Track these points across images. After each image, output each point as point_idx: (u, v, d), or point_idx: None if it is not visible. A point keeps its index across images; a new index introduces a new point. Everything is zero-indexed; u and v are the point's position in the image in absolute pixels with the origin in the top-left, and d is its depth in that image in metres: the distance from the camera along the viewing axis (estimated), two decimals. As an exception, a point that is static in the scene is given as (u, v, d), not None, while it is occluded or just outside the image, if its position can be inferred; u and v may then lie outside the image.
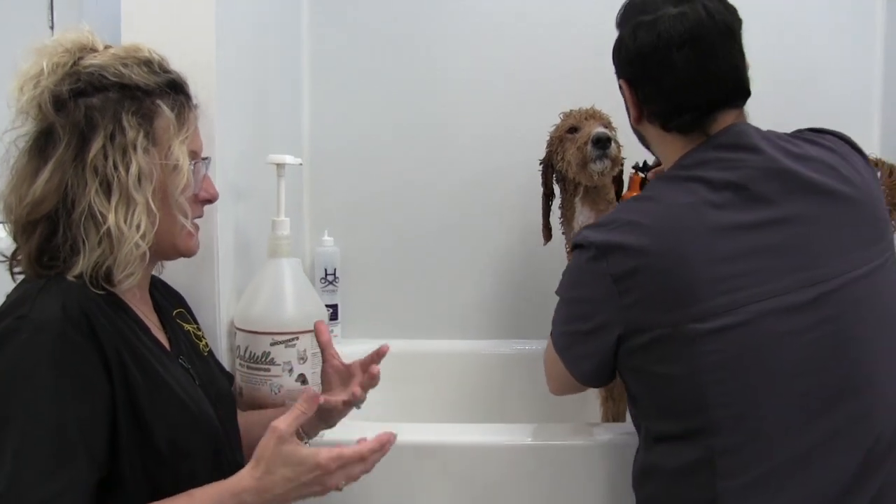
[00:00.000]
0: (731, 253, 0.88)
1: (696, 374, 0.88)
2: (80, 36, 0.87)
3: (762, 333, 0.87)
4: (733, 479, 0.88)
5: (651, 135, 1.03)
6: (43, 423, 0.74)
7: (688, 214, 0.91)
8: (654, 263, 0.89)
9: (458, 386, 1.71)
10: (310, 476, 0.82)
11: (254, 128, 1.37)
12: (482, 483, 1.14)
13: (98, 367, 0.78)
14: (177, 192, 0.87)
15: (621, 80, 1.02)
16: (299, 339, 1.15)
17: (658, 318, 0.89)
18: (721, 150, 0.94)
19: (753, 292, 0.87)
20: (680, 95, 0.96)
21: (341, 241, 1.75)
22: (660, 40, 0.94)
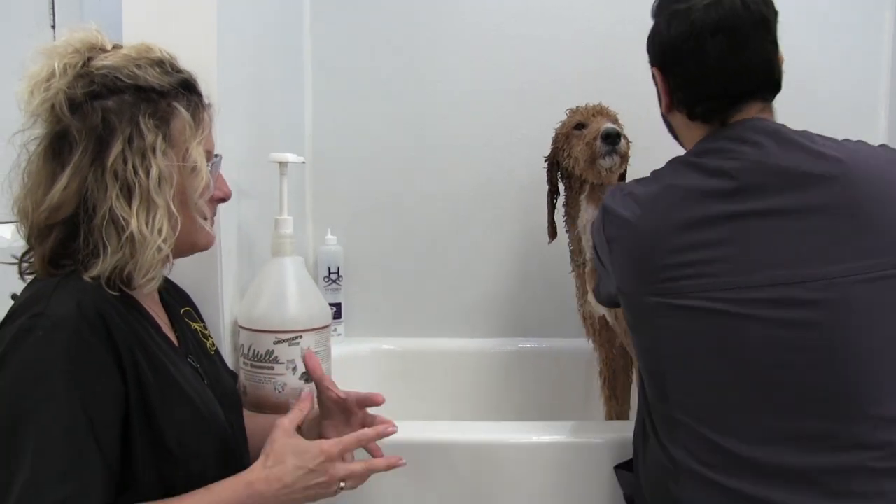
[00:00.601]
0: (701, 242, 0.91)
1: (656, 347, 0.95)
2: (89, 35, 0.86)
3: (719, 321, 0.89)
4: (690, 455, 0.91)
5: (678, 123, 1.05)
6: (58, 422, 0.74)
7: (675, 198, 0.94)
8: (634, 237, 0.95)
9: (461, 384, 1.71)
10: (315, 462, 0.86)
11: (256, 126, 1.37)
12: (486, 481, 1.14)
13: (112, 367, 0.78)
14: (195, 195, 0.87)
15: (654, 67, 1.03)
16: (303, 337, 1.16)
17: (633, 287, 0.96)
18: (726, 141, 0.95)
19: (716, 281, 0.89)
20: (708, 84, 0.97)
21: (344, 239, 1.75)
22: (693, 28, 0.95)
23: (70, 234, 0.82)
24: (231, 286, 1.20)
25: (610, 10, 1.71)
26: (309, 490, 0.86)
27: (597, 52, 1.71)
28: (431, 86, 1.76)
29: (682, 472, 0.91)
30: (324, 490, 0.88)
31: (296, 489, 0.85)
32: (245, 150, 1.25)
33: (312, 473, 0.86)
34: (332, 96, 1.77)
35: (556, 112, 1.49)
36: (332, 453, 0.87)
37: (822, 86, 1.68)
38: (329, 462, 0.87)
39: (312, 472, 0.86)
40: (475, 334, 1.78)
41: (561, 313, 1.62)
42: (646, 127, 1.61)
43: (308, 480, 0.86)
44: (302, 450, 0.87)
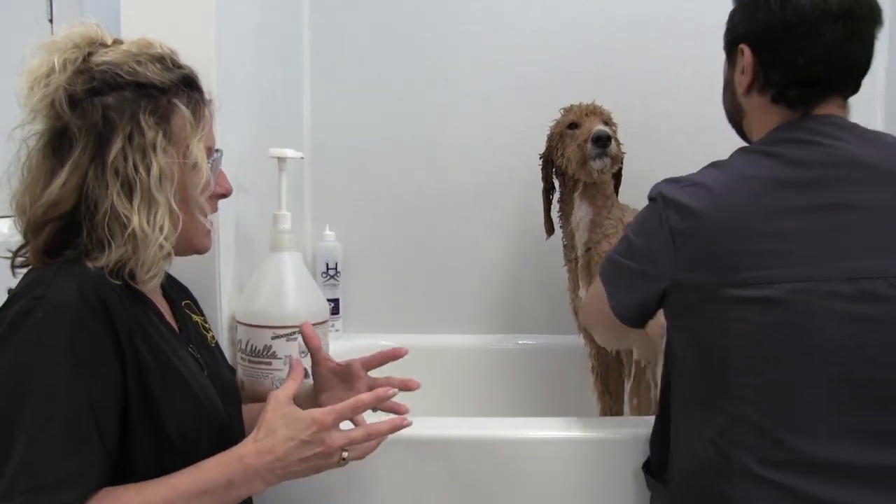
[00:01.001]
0: (780, 232, 0.89)
1: (723, 338, 0.90)
2: (89, 30, 0.85)
3: (796, 313, 0.87)
4: (749, 452, 0.88)
5: (753, 105, 1.01)
6: (58, 406, 0.74)
7: (751, 187, 0.92)
8: (707, 228, 0.91)
9: (460, 381, 1.72)
10: (308, 433, 0.83)
11: (255, 122, 1.36)
12: (484, 477, 1.15)
13: (112, 352, 0.78)
14: (196, 192, 0.87)
15: (744, 45, 0.99)
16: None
17: (702, 279, 0.92)
18: (805, 132, 0.95)
19: (793, 272, 0.88)
20: (813, 68, 0.95)
21: (343, 235, 1.75)
22: (815, 10, 0.93)
23: (67, 228, 0.82)
24: (229, 281, 1.20)
25: (608, 10, 1.71)
26: (307, 462, 0.83)
27: (597, 50, 1.71)
28: (430, 82, 1.75)
29: (736, 472, 0.89)
30: (325, 461, 0.84)
31: (290, 462, 0.82)
32: (244, 145, 1.25)
33: (306, 445, 0.83)
34: (331, 92, 1.77)
35: (556, 109, 1.49)
36: (325, 422, 0.83)
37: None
38: (323, 431, 0.83)
39: (306, 444, 0.83)
40: (473, 330, 1.78)
41: (558, 310, 1.62)
42: (643, 124, 1.63)
43: (302, 452, 0.83)
44: (293, 420, 0.83)
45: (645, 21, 1.70)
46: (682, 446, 0.98)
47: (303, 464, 0.83)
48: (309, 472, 0.85)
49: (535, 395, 1.70)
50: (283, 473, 0.83)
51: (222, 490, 0.80)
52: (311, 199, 1.79)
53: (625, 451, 1.13)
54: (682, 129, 1.69)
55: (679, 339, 0.99)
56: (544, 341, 1.75)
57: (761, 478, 0.87)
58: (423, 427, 1.17)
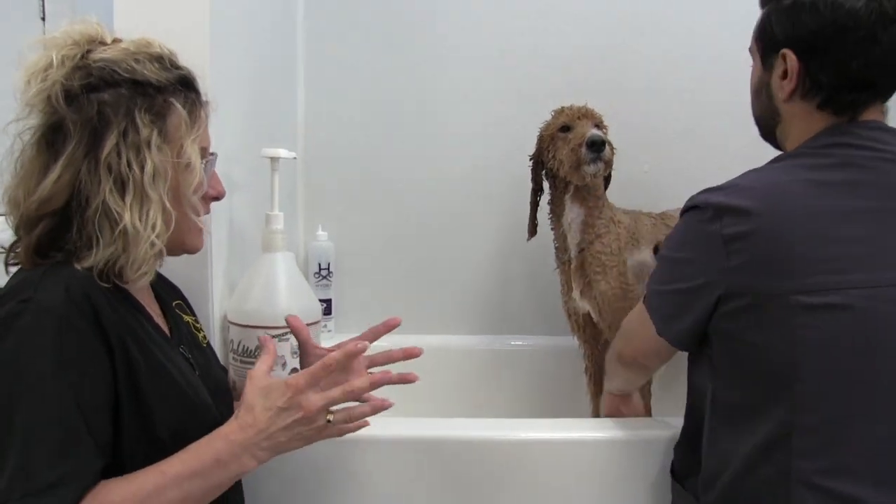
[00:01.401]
0: (843, 236, 0.88)
1: (789, 346, 0.88)
2: (89, 27, 0.86)
3: (865, 319, 0.86)
4: (808, 461, 0.87)
5: (796, 112, 0.99)
6: (48, 408, 0.74)
7: (808, 191, 0.90)
8: (767, 230, 0.89)
9: (452, 381, 1.71)
10: (283, 399, 0.83)
11: (248, 121, 1.36)
12: (474, 478, 1.15)
13: (101, 352, 0.78)
14: (189, 191, 0.87)
15: (787, 50, 0.97)
16: (293, 333, 1.15)
17: (762, 284, 0.89)
18: (853, 137, 0.94)
19: (860, 278, 0.87)
20: (871, 72, 0.93)
21: (335, 235, 1.75)
22: (871, 13, 0.91)
23: (59, 225, 0.82)
24: (221, 281, 1.20)
25: (604, 6, 1.72)
26: (290, 430, 0.83)
27: (591, 50, 1.72)
28: (424, 82, 1.75)
29: (793, 480, 0.87)
30: (308, 426, 0.84)
31: (273, 432, 0.82)
32: (237, 144, 1.24)
33: (285, 412, 0.82)
34: (324, 92, 1.76)
35: (549, 110, 1.49)
36: (297, 384, 0.83)
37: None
38: (298, 394, 0.82)
39: (285, 411, 0.82)
40: (465, 331, 1.79)
41: (551, 311, 1.62)
42: (635, 124, 1.64)
43: (283, 419, 0.82)
44: (268, 390, 0.83)
45: (638, 21, 1.71)
46: (721, 456, 0.96)
47: (287, 432, 0.83)
48: (297, 441, 0.84)
49: (526, 396, 1.71)
50: (271, 445, 0.83)
51: (212, 470, 0.80)
52: (303, 199, 1.78)
53: (619, 452, 1.14)
54: (675, 130, 1.70)
55: (722, 349, 0.96)
56: (536, 342, 1.76)
57: (820, 487, 0.86)
58: (414, 427, 1.17)
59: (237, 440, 0.82)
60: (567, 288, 1.48)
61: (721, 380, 0.97)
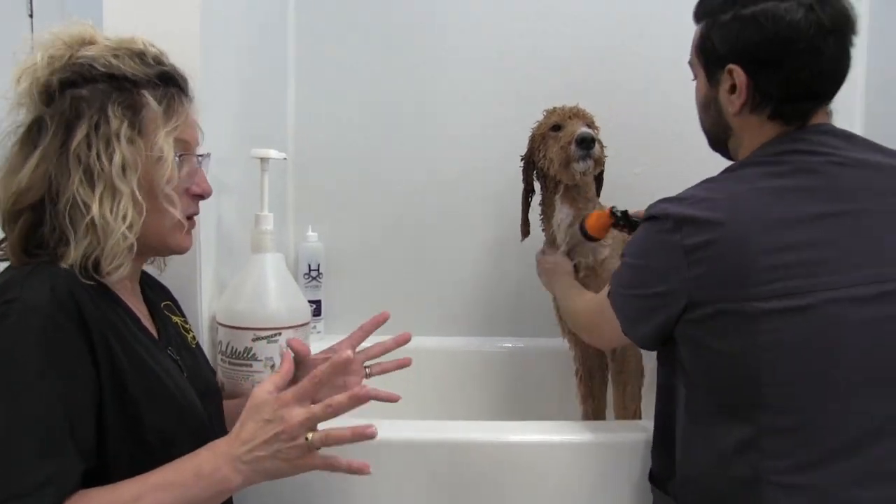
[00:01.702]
0: (800, 241, 0.90)
1: (752, 351, 0.90)
2: (82, 30, 0.87)
3: (823, 321, 0.88)
4: (775, 461, 0.89)
5: (746, 124, 1.01)
6: (32, 409, 0.73)
7: (765, 198, 0.92)
8: (727, 240, 0.91)
9: (442, 383, 1.71)
10: (268, 409, 0.81)
11: (238, 122, 1.36)
12: (465, 480, 1.14)
13: (85, 354, 0.77)
14: (162, 183, 0.86)
15: (733, 65, 0.98)
16: (282, 334, 1.15)
17: (722, 293, 0.91)
18: (807, 143, 0.96)
19: (819, 281, 0.88)
20: (816, 83, 0.96)
21: (325, 236, 1.74)
22: (811, 25, 0.93)
23: (38, 220, 0.82)
24: (210, 282, 1.19)
25: (598, 8, 1.73)
26: (271, 445, 0.80)
27: (582, 50, 1.72)
28: (415, 83, 1.75)
29: (765, 481, 0.89)
30: (288, 443, 0.80)
31: (256, 445, 0.79)
32: (226, 145, 1.24)
33: (269, 424, 0.80)
34: (315, 92, 1.76)
35: (541, 110, 1.49)
36: (284, 398, 0.81)
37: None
38: (282, 408, 0.81)
39: (268, 423, 0.80)
40: (456, 333, 1.78)
41: (541, 313, 1.62)
42: (628, 126, 1.64)
43: (266, 432, 0.80)
44: (260, 405, 0.82)
45: (631, 23, 1.71)
46: (695, 459, 0.98)
47: (267, 447, 0.80)
48: (277, 460, 0.80)
49: (517, 399, 1.71)
50: (252, 459, 0.80)
51: (191, 480, 0.78)
52: (293, 200, 1.78)
53: (610, 455, 1.14)
54: (667, 131, 1.70)
55: (691, 354, 0.97)
56: (527, 344, 1.76)
57: (793, 485, 0.88)
58: (404, 430, 1.17)
59: (220, 450, 0.81)
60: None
61: (691, 384, 0.98)
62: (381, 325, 1.07)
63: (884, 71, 1.68)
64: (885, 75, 1.68)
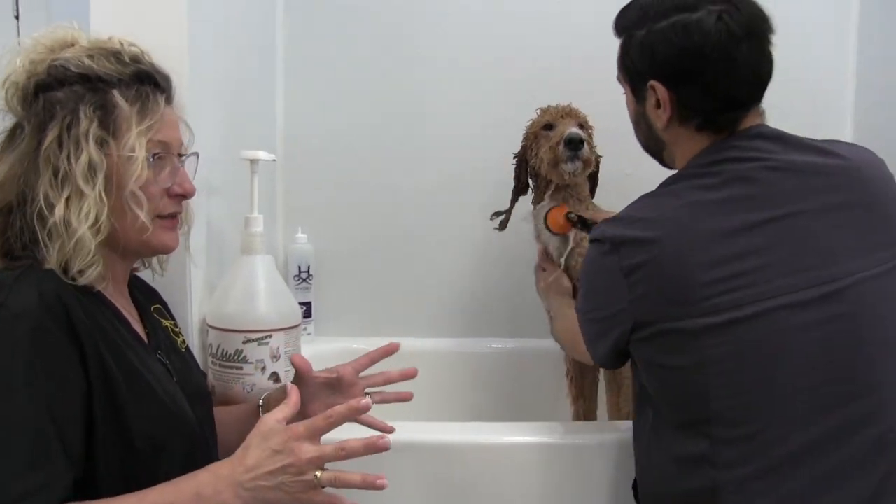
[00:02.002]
0: (737, 252, 0.89)
1: (700, 367, 0.90)
2: (65, 33, 0.86)
3: (767, 330, 0.88)
4: (732, 471, 0.89)
5: (677, 137, 1.01)
6: (20, 416, 0.73)
7: (697, 212, 0.92)
8: (662, 259, 0.91)
9: (432, 384, 1.70)
10: (278, 440, 0.79)
11: (227, 123, 1.35)
12: (456, 482, 1.15)
13: (75, 359, 0.76)
14: (131, 183, 0.85)
15: (654, 82, 0.98)
16: (272, 336, 1.15)
17: (664, 312, 0.91)
18: (736, 150, 0.96)
19: (758, 290, 0.88)
20: (736, 91, 0.96)
21: (315, 238, 1.73)
22: (721, 35, 0.93)
23: (11, 223, 0.82)
24: (200, 284, 1.18)
25: (587, 8, 1.72)
26: (276, 477, 0.78)
27: (573, 52, 1.72)
28: (404, 85, 1.75)
29: (722, 491, 0.89)
30: (294, 478, 0.78)
31: (259, 474, 0.78)
32: (215, 146, 1.23)
33: (277, 455, 0.78)
34: (304, 94, 1.75)
35: (531, 111, 1.49)
36: (295, 431, 0.80)
37: (788, 90, 1.71)
38: (293, 441, 0.79)
39: (277, 453, 0.78)
40: (446, 334, 1.78)
41: (531, 314, 1.62)
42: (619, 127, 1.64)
43: (272, 462, 0.78)
44: (268, 433, 0.80)
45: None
46: (657, 471, 0.98)
47: (272, 478, 0.78)
48: (280, 492, 0.79)
49: (507, 400, 1.71)
50: (254, 487, 0.78)
51: (190, 501, 0.77)
52: (283, 201, 1.77)
53: (600, 456, 1.14)
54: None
55: (645, 372, 0.98)
56: (517, 345, 1.76)
57: (754, 492, 0.88)
58: (395, 432, 1.17)
59: (223, 474, 0.78)
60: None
61: (652, 400, 0.99)
62: (389, 355, 1.06)
63: (874, 73, 1.70)
64: (874, 78, 1.70)
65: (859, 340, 0.89)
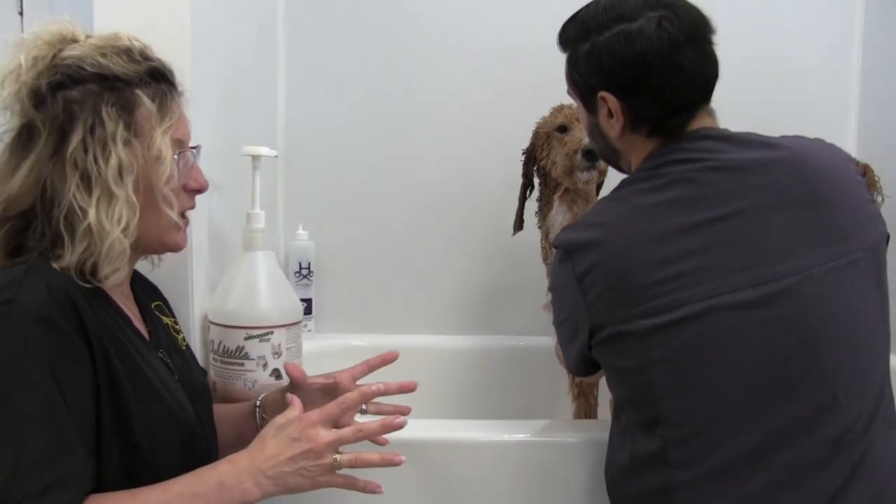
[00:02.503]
0: (679, 253, 0.90)
1: (645, 368, 0.91)
2: (62, 27, 0.85)
3: (708, 329, 0.88)
4: (684, 470, 0.90)
5: (630, 144, 1.02)
6: (37, 409, 0.73)
7: (643, 215, 0.93)
8: (608, 261, 0.93)
9: (432, 382, 1.71)
10: (294, 428, 0.83)
11: (228, 119, 1.35)
12: (457, 479, 1.15)
13: (84, 354, 0.77)
14: (160, 184, 0.86)
15: (603, 92, 0.99)
16: (274, 333, 1.15)
17: (613, 315, 0.92)
18: (681, 152, 0.96)
19: (700, 290, 0.89)
20: (683, 95, 0.97)
21: (316, 234, 1.74)
22: (662, 43, 0.93)
23: (25, 226, 0.82)
24: (201, 280, 1.19)
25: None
26: (296, 463, 0.82)
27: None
28: (405, 82, 1.75)
29: (677, 493, 0.90)
30: (314, 462, 0.83)
31: (279, 460, 0.82)
32: (217, 142, 1.23)
33: (295, 442, 0.83)
34: (305, 90, 1.76)
35: (532, 111, 1.49)
36: (310, 417, 0.84)
37: (792, 89, 1.72)
38: (309, 427, 0.83)
39: (294, 441, 0.83)
40: (446, 331, 1.79)
41: (532, 311, 1.63)
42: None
43: (291, 450, 0.82)
44: (281, 421, 0.85)
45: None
46: (616, 468, 1.00)
47: (292, 464, 0.82)
48: (301, 477, 0.83)
49: (507, 397, 1.71)
50: (276, 475, 0.82)
51: (214, 492, 0.80)
52: (284, 197, 1.77)
53: (595, 453, 1.14)
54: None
55: (606, 375, 1.01)
56: (517, 342, 1.76)
57: (707, 494, 0.88)
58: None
59: (243, 465, 0.82)
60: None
61: (614, 401, 1.02)
62: (388, 363, 1.06)
63: (877, 77, 1.70)
64: (878, 82, 1.70)
65: (807, 340, 0.88)
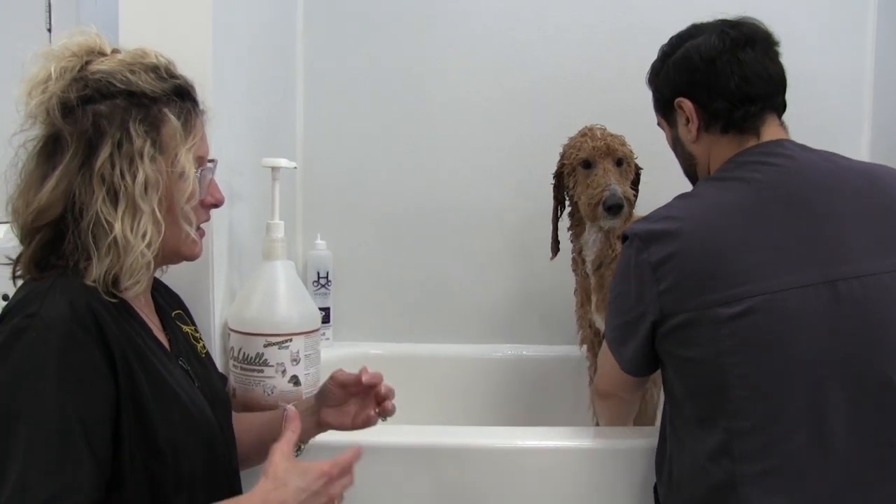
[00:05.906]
0: (757, 245, 0.95)
1: (717, 357, 0.94)
2: (88, 39, 0.87)
3: (782, 320, 0.92)
4: (751, 464, 0.91)
5: (705, 146, 1.09)
6: (49, 421, 0.74)
7: (722, 209, 0.99)
8: (687, 250, 0.96)
9: (449, 390, 1.72)
10: (318, 484, 0.84)
11: (249, 131, 1.38)
12: (471, 486, 1.15)
13: (104, 367, 0.78)
14: (182, 201, 0.88)
15: (680, 99, 1.09)
16: (293, 340, 1.16)
17: (687, 303, 0.96)
18: (762, 155, 1.02)
19: (776, 282, 0.92)
20: (747, 86, 1.04)
21: (334, 244, 1.76)
22: (724, 44, 1.05)
23: (56, 236, 0.83)
24: (222, 289, 1.21)
25: (599, 18, 1.74)
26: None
27: (589, 62, 1.73)
28: (423, 92, 1.77)
29: (740, 484, 0.92)
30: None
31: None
32: (238, 154, 1.26)
33: (315, 496, 0.83)
34: (323, 101, 1.78)
35: (552, 120, 1.49)
36: (332, 475, 0.85)
37: (809, 91, 1.71)
38: (330, 483, 0.85)
39: (315, 495, 0.83)
40: (463, 340, 1.79)
41: (550, 320, 1.63)
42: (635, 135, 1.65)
43: (311, 502, 0.83)
44: (304, 471, 0.84)
45: (632, 32, 1.72)
46: (677, 468, 1.01)
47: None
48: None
49: (525, 405, 1.71)
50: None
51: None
52: (302, 208, 1.79)
53: (619, 461, 1.15)
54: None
55: (668, 368, 1.02)
56: (535, 351, 1.76)
57: (762, 487, 0.90)
58: (411, 435, 1.18)
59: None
60: (584, 299, 1.49)
61: (672, 398, 1.03)
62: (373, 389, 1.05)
63: (891, 84, 1.69)
64: (892, 88, 1.69)
65: (873, 341, 0.92)
